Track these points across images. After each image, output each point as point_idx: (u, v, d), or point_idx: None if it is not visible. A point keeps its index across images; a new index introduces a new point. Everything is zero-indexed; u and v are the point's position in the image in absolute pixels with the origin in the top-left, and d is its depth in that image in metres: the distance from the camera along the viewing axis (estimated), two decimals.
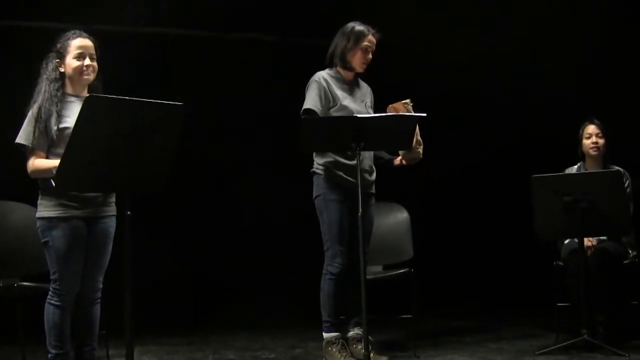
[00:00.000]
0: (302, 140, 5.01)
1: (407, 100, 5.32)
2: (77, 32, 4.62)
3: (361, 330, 5.21)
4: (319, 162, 5.55)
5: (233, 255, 7.77)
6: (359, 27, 5.58)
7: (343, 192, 5.45)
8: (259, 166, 7.90)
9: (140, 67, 7.12)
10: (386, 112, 5.32)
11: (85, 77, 4.58)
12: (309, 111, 5.41)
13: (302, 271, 6.50)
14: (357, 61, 5.58)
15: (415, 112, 5.26)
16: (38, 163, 4.43)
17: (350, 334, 5.55)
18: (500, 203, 8.13)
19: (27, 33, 7.02)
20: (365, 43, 5.55)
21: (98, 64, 4.63)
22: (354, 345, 5.49)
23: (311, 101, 5.46)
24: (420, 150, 5.51)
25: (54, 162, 4.25)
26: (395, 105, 5.33)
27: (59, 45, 4.59)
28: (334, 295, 5.44)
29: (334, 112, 5.46)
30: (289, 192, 6.99)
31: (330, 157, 5.48)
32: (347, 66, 5.60)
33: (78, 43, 4.57)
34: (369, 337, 4.95)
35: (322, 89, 5.49)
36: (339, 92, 5.54)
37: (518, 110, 8.18)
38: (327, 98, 5.49)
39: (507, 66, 8.04)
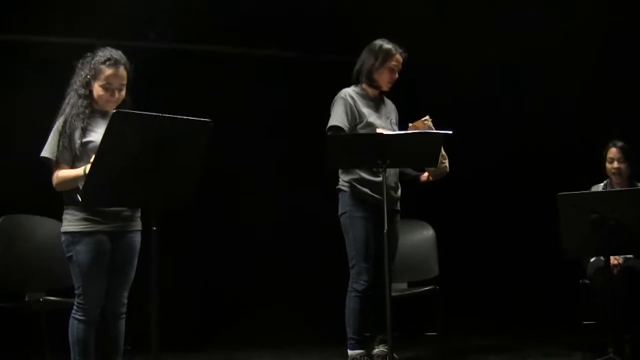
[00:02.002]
0: (328, 157, 5.02)
1: (427, 117, 5.34)
2: (114, 59, 4.55)
3: (386, 347, 5.20)
4: (344, 179, 5.55)
5: (256, 272, 7.75)
6: (386, 45, 5.59)
7: (369, 209, 5.45)
8: (280, 182, 7.87)
9: (159, 82, 7.14)
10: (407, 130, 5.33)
11: (108, 106, 4.57)
12: (336, 128, 5.42)
13: (325, 288, 6.48)
14: (384, 80, 5.60)
15: (435, 128, 5.25)
16: (62, 174, 4.43)
17: (375, 351, 5.53)
18: (526, 220, 8.08)
19: (56, 48, 7.04)
20: (393, 63, 5.58)
21: (128, 85, 4.62)
22: None
23: (338, 118, 5.47)
24: (446, 163, 5.50)
25: (77, 171, 4.29)
26: (416, 123, 5.34)
27: (92, 64, 4.55)
28: (359, 312, 5.42)
29: (360, 129, 5.47)
30: (313, 210, 6.98)
31: (356, 174, 5.48)
32: (373, 84, 5.62)
33: (109, 73, 4.52)
34: (394, 355, 4.93)
35: (348, 105, 5.50)
36: (365, 109, 5.55)
37: (544, 127, 8.13)
38: (354, 115, 5.49)
39: (538, 81, 8.02)
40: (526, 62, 7.99)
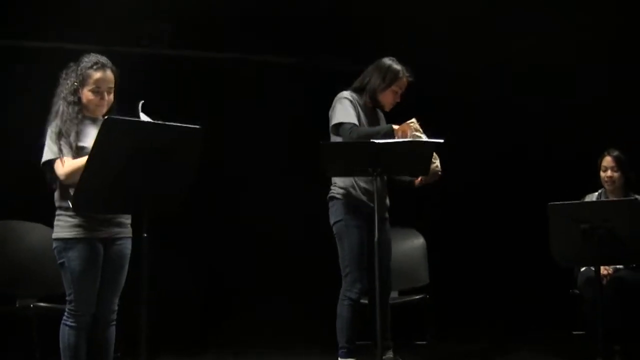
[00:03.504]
0: (322, 164, 5.02)
1: (413, 120, 5.31)
2: (100, 63, 4.56)
3: (392, 353, 5.23)
4: (340, 187, 5.54)
5: (246, 277, 7.74)
6: (395, 66, 5.58)
7: (363, 217, 5.45)
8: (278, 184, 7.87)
9: (155, 88, 7.16)
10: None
11: (98, 111, 4.58)
12: (347, 125, 5.41)
13: (322, 291, 6.46)
14: (387, 101, 5.62)
15: (429, 132, 5.26)
16: (71, 162, 4.38)
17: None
18: (518, 229, 8.08)
19: (47, 54, 7.05)
20: (398, 86, 5.57)
21: (115, 89, 4.63)
22: None
23: (348, 115, 5.45)
24: (438, 163, 5.48)
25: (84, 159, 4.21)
26: (402, 126, 5.32)
27: (79, 71, 4.55)
28: (351, 321, 5.40)
29: None
30: (311, 212, 6.98)
31: (351, 182, 5.48)
32: (376, 103, 5.62)
33: (97, 76, 4.52)
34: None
35: (354, 106, 5.49)
36: (363, 117, 5.55)
37: (536, 135, 8.15)
38: (359, 118, 5.49)
39: (531, 90, 8.03)
40: (526, 63, 7.99)
